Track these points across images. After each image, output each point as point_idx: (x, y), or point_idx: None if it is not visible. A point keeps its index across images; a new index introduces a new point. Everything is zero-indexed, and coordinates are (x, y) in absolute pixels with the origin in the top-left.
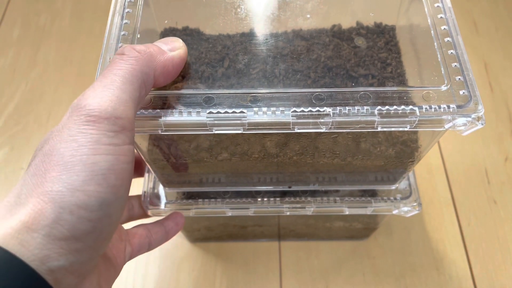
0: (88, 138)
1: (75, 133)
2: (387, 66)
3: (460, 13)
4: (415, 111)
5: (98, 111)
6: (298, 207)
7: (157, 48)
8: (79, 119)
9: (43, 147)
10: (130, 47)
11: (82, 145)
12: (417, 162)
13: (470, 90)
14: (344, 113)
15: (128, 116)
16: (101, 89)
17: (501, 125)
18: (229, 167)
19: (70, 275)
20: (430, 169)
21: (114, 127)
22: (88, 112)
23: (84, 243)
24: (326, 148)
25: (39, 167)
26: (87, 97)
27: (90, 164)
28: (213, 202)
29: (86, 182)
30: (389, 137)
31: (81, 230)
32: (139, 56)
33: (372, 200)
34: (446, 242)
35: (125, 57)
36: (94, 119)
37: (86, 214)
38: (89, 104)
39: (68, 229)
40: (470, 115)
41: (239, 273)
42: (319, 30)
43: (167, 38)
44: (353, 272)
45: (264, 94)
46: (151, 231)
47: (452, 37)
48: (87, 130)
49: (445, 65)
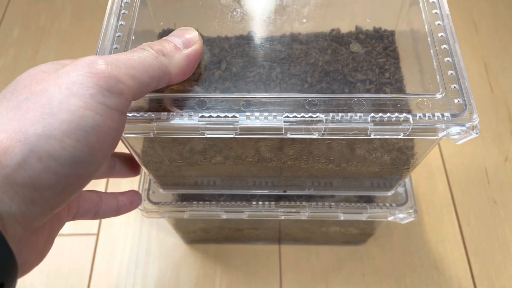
0: (84, 91)
1: (73, 81)
2: (385, 71)
3: (460, 13)
4: (408, 119)
5: (104, 67)
6: (293, 211)
7: (173, 46)
8: (83, 70)
9: (32, 85)
10: (148, 46)
11: (75, 95)
12: (412, 169)
13: (466, 99)
14: (337, 119)
15: (130, 85)
16: (115, 56)
17: (501, 125)
18: (223, 170)
19: (18, 226)
20: (430, 169)
21: (112, 88)
22: (93, 66)
23: (41, 195)
24: (321, 153)
25: (22, 104)
26: (99, 57)
27: (77, 117)
28: (208, 205)
29: (66, 133)
30: (384, 143)
31: (43, 181)
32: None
33: (367, 206)
34: (446, 242)
35: (148, 49)
36: (97, 73)
37: (55, 166)
38: (97, 60)
39: (30, 175)
40: (464, 124)
41: (239, 274)
42: (317, 34)
43: (181, 29)
44: (353, 272)
45: (257, 99)
46: (103, 201)
47: (449, 44)
48: (86, 82)
49: (440, 72)
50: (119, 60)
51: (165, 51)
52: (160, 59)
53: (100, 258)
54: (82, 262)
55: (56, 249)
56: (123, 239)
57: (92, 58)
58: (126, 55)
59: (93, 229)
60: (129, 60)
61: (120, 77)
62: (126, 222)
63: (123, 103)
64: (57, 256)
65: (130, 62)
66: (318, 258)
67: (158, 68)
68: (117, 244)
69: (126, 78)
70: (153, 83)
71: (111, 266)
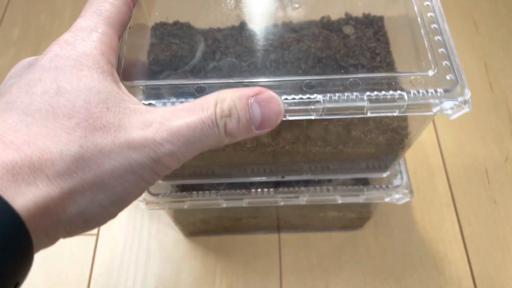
0: (141, 172)
1: (135, 159)
2: (376, 55)
3: (460, 13)
4: (403, 96)
5: (167, 160)
6: (292, 196)
7: (247, 128)
8: (148, 151)
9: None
10: (221, 117)
11: (133, 173)
12: (407, 148)
13: (457, 75)
14: (334, 99)
15: (174, 167)
16: (176, 126)
17: (501, 125)
18: (222, 158)
19: (45, 236)
20: (430, 169)
21: (160, 172)
22: (158, 150)
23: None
24: (318, 136)
25: (48, 109)
26: (165, 129)
27: (126, 192)
28: (207, 194)
29: (114, 203)
30: (379, 124)
31: (73, 225)
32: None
33: (364, 188)
34: (446, 242)
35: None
36: (158, 161)
37: (89, 223)
38: (163, 143)
39: (68, 219)
40: (457, 98)
41: (239, 274)
42: (309, 22)
43: (270, 97)
44: (353, 272)
45: (256, 83)
46: None
47: (438, 23)
48: (146, 164)
49: (431, 51)
50: (178, 133)
51: (235, 133)
52: (223, 141)
53: (100, 258)
54: (82, 262)
55: (56, 249)
56: (123, 239)
57: (160, 131)
58: (189, 127)
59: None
60: (189, 138)
61: (172, 166)
62: (126, 222)
63: (159, 178)
64: (57, 256)
65: (190, 140)
66: (318, 258)
67: (213, 147)
68: (117, 244)
69: (177, 165)
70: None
71: (111, 266)
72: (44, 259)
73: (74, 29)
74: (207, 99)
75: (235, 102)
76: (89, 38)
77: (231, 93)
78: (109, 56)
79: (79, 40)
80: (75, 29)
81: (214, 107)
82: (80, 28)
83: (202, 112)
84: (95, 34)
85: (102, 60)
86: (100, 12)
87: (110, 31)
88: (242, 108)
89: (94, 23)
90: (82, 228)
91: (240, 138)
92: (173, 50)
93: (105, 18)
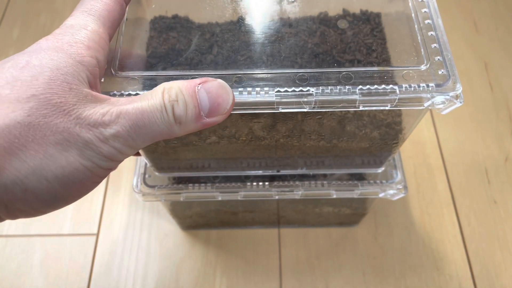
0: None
1: (83, 137)
2: (372, 52)
3: (460, 13)
4: (395, 90)
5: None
6: (287, 190)
7: (195, 115)
8: (94, 131)
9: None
10: (170, 105)
11: (76, 148)
12: (401, 143)
13: (449, 70)
14: (327, 92)
15: (128, 154)
16: (125, 108)
17: (501, 125)
18: (218, 151)
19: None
20: (430, 169)
21: (113, 157)
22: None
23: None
24: (312, 130)
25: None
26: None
27: (72, 168)
28: (203, 186)
29: (58, 178)
30: (373, 120)
31: (17, 205)
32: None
33: (358, 183)
34: (446, 242)
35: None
36: (103, 140)
37: (33, 202)
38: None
39: (9, 198)
40: (448, 93)
41: (239, 274)
42: (306, 18)
43: (219, 86)
44: (353, 272)
45: (249, 75)
46: None
47: (432, 19)
48: (92, 142)
49: (425, 46)
50: (126, 115)
51: (184, 119)
52: (173, 128)
53: (100, 258)
54: (82, 262)
55: (56, 249)
56: (123, 239)
57: (107, 109)
58: (136, 109)
59: (93, 229)
60: (137, 121)
61: (122, 150)
62: (126, 222)
63: (115, 165)
64: (57, 256)
65: (138, 123)
66: (318, 258)
67: (165, 135)
68: (117, 244)
69: (128, 150)
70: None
71: (111, 266)
72: (44, 259)
73: (64, 27)
74: (155, 89)
75: (181, 89)
76: (78, 34)
77: (178, 82)
78: (96, 53)
79: (67, 35)
80: (65, 26)
81: (162, 93)
82: (70, 26)
83: (151, 97)
84: (84, 31)
85: (85, 52)
86: (90, 10)
87: (100, 29)
88: (189, 94)
89: (84, 21)
90: (22, 202)
91: (191, 127)
92: (171, 43)
93: (95, 17)
